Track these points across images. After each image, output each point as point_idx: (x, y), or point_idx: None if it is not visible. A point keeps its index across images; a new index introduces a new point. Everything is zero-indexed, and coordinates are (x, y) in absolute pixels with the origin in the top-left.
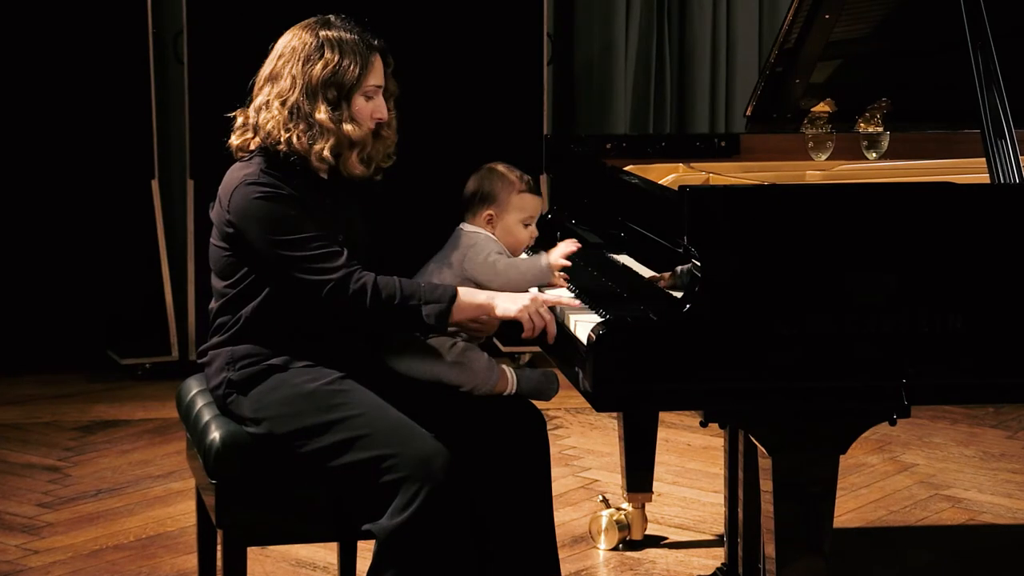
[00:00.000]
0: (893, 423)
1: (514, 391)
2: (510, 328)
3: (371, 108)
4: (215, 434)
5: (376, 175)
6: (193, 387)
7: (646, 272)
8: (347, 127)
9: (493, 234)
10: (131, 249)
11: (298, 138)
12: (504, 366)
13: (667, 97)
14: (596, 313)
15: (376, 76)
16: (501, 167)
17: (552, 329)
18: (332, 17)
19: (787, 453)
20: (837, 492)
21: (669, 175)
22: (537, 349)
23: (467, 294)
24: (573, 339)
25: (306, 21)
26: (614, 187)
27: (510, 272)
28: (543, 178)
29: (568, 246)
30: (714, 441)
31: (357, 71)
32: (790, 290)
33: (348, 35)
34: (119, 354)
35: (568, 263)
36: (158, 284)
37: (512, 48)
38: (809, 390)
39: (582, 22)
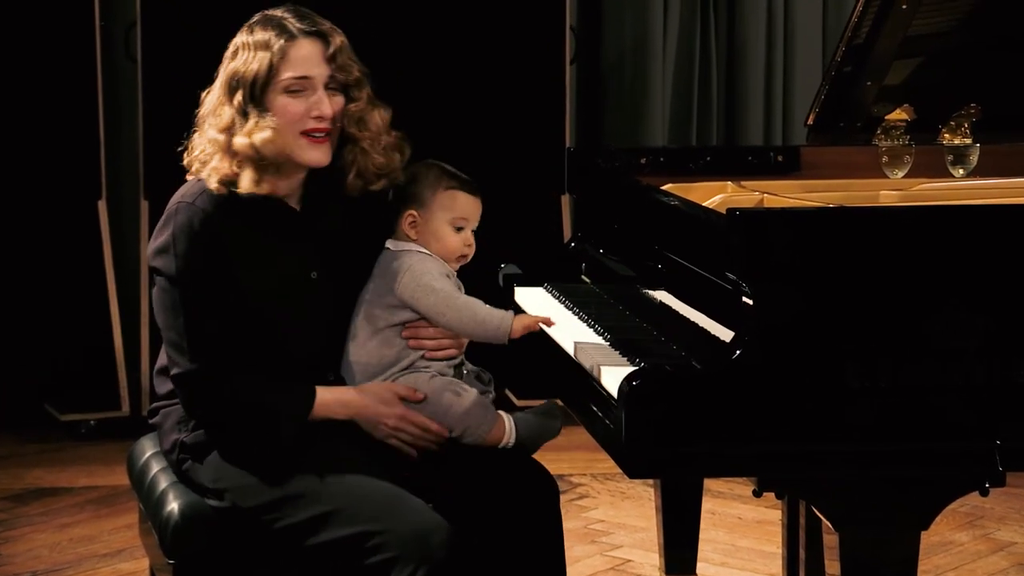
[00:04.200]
0: (985, 493)
1: (512, 443)
2: (524, 376)
3: (305, 106)
4: (173, 505)
5: (370, 184)
6: (147, 449)
7: (687, 311)
8: (238, 141)
9: (417, 242)
10: (73, 283)
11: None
12: (502, 412)
13: (713, 102)
14: (628, 360)
15: (300, 65)
16: (428, 162)
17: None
18: (278, 10)
19: (858, 529)
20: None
21: (716, 196)
22: (557, 402)
23: (328, 398)
24: (601, 391)
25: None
26: (649, 210)
27: (464, 312)
28: (565, 199)
29: (539, 320)
30: (770, 514)
31: (267, 63)
32: (860, 334)
33: (271, 29)
34: (58, 409)
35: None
36: (105, 325)
37: (529, 44)
38: (884, 454)
39: (611, 13)
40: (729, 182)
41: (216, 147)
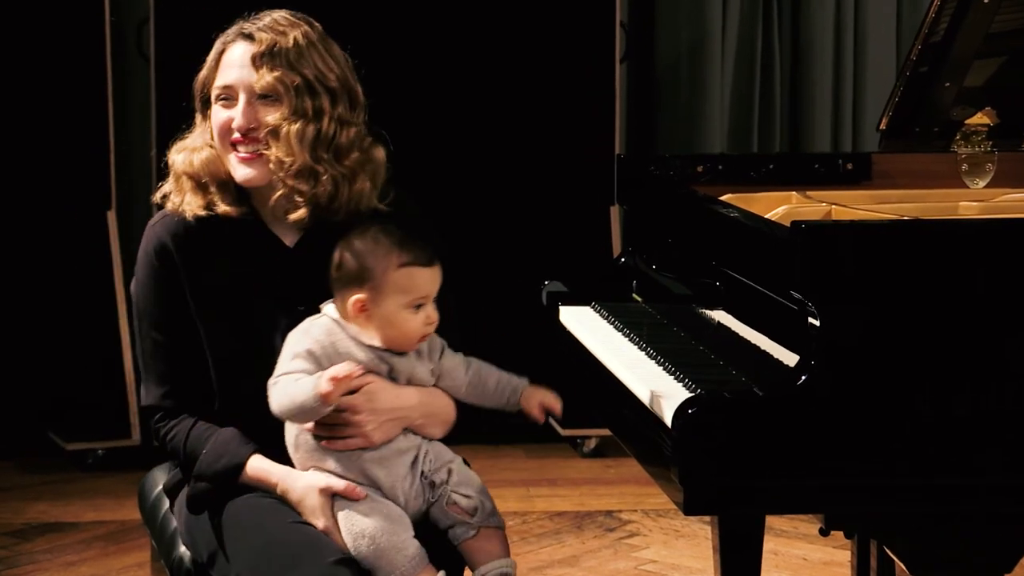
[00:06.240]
0: None
1: None
2: (569, 403)
3: (228, 117)
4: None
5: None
6: (159, 481)
7: (748, 333)
8: (174, 159)
9: (368, 329)
10: (80, 300)
11: None
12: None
13: (776, 105)
14: (684, 386)
15: (225, 73)
16: (375, 230)
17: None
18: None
19: (935, 572)
20: None
21: (779, 207)
22: (607, 432)
23: (256, 469)
24: (654, 419)
25: None
26: (706, 222)
27: (283, 400)
28: (614, 210)
29: (346, 368)
30: (838, 555)
31: (204, 72)
32: (937, 358)
33: (225, 33)
34: (64, 437)
35: (340, 381)
36: (115, 345)
37: (576, 42)
38: (963, 488)
39: (665, 8)
40: (794, 192)
41: (172, 167)
